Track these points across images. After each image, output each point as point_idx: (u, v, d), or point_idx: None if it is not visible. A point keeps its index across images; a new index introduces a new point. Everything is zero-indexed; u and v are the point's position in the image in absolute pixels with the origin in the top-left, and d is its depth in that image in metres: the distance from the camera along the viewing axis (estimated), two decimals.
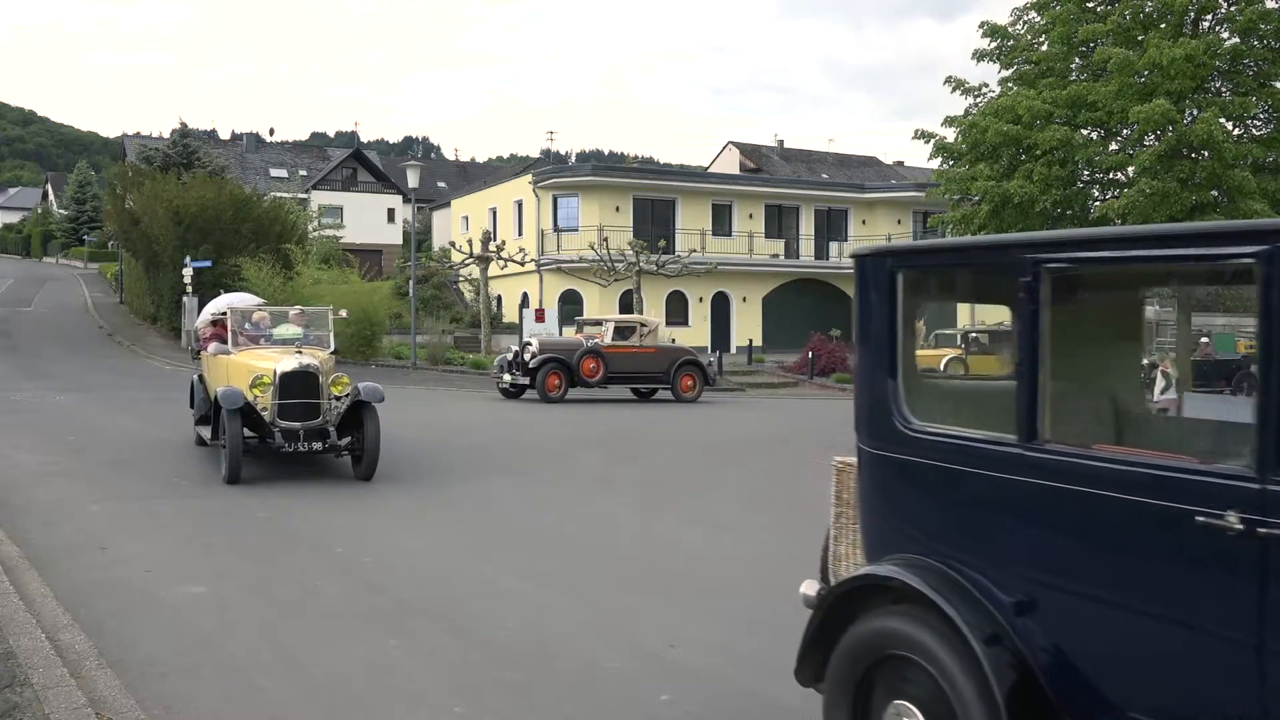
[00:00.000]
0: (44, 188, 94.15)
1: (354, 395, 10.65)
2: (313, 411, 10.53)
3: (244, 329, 11.91)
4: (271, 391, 10.38)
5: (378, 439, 10.56)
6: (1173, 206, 13.32)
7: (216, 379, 11.72)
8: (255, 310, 12.57)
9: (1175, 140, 13.19)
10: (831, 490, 4.45)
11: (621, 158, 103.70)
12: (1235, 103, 13.52)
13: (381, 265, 51.94)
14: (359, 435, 10.61)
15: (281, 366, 10.47)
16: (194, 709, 4.79)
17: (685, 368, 22.00)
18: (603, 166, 46.70)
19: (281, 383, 10.39)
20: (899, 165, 62.61)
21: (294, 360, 10.54)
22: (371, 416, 10.56)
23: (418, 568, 7.47)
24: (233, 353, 11.54)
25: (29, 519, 8.59)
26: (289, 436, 10.35)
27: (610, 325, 22.06)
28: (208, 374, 12.47)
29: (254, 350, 11.46)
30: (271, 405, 10.41)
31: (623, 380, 21.83)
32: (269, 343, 11.80)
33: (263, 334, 11.95)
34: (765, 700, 5.13)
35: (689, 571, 7.66)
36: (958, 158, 15.27)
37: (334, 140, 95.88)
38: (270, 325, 12.12)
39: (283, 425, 10.38)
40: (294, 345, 11.40)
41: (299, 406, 10.46)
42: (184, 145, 45.47)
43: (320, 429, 10.52)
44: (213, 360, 12.21)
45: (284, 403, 10.40)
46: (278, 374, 10.41)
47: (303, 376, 10.48)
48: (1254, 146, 13.63)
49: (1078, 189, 14.84)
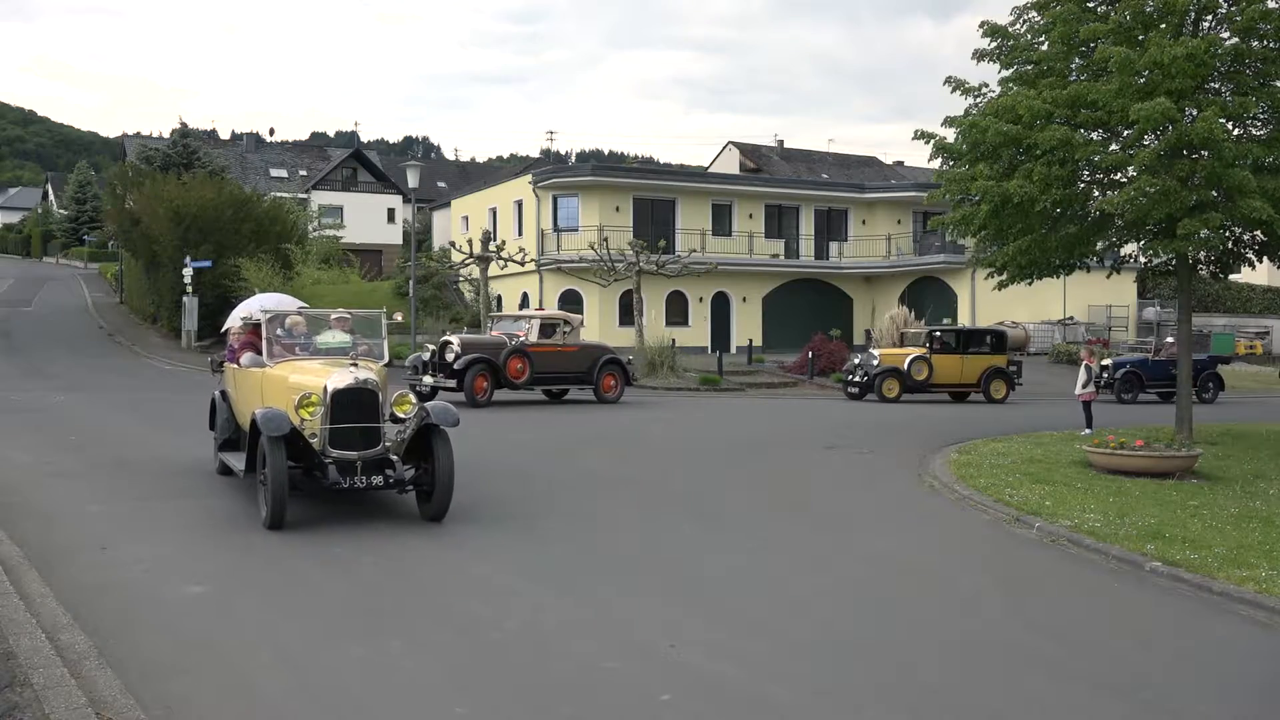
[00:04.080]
0: (44, 188, 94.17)
1: (422, 417, 8.90)
2: (372, 437, 8.75)
3: (280, 336, 9.93)
4: (322, 413, 8.59)
5: (451, 471, 8.75)
6: (1172, 205, 13.31)
7: (248, 397, 9.93)
8: (291, 314, 10.50)
9: (1175, 139, 13.18)
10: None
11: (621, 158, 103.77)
12: (1235, 102, 13.52)
13: (381, 265, 51.99)
14: (427, 466, 8.85)
15: (333, 382, 8.66)
16: (194, 709, 4.80)
17: (608, 367, 20.96)
18: (603, 166, 46.69)
19: (334, 402, 8.58)
20: (899, 165, 62.64)
21: (348, 374, 8.72)
22: (443, 443, 8.79)
23: (420, 569, 7.46)
24: (269, 365, 9.58)
25: (29, 519, 8.58)
26: (345, 469, 8.59)
27: (536, 322, 20.69)
28: (235, 390, 10.64)
29: (294, 362, 9.56)
30: (321, 430, 8.59)
31: (548, 381, 20.50)
32: (310, 352, 9.88)
33: (302, 342, 10.00)
34: (765, 700, 5.14)
35: (689, 571, 7.66)
36: (958, 158, 15.26)
37: (334, 140, 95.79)
38: (309, 332, 10.20)
39: (335, 455, 8.61)
40: (343, 355, 9.59)
41: (356, 432, 8.66)
42: (184, 145, 45.47)
43: (381, 459, 8.82)
44: (243, 374, 10.26)
45: (337, 427, 8.61)
46: (329, 391, 8.60)
47: (360, 394, 8.67)
48: (1254, 146, 13.62)
49: (1078, 189, 14.84)
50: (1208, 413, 20.27)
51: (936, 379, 24.41)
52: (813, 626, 6.42)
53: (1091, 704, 5.27)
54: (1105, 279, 22.12)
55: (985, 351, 25.16)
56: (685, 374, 27.08)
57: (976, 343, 25.41)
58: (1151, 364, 26.27)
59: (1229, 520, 9.81)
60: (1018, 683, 5.57)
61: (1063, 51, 14.67)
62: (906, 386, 24.07)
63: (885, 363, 24.43)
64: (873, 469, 13.17)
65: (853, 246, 41.67)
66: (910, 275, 40.49)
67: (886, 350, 25.86)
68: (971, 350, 25.04)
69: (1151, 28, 13.84)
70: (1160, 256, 16.38)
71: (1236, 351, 40.41)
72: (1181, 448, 13.19)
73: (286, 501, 8.30)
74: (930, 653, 5.98)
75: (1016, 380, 25.31)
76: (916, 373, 24.15)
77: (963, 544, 9.19)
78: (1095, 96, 13.52)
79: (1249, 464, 13.79)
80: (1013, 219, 14.61)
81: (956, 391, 24.82)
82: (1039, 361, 35.27)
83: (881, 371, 24.15)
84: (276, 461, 8.21)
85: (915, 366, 24.19)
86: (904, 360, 24.37)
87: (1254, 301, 45.83)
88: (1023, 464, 13.01)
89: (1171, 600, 7.47)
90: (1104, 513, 9.91)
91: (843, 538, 9.26)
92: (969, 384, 24.67)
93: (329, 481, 8.53)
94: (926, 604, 7.08)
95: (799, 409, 21.84)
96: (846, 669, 5.67)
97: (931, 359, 24.39)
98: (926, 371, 24.25)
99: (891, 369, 24.17)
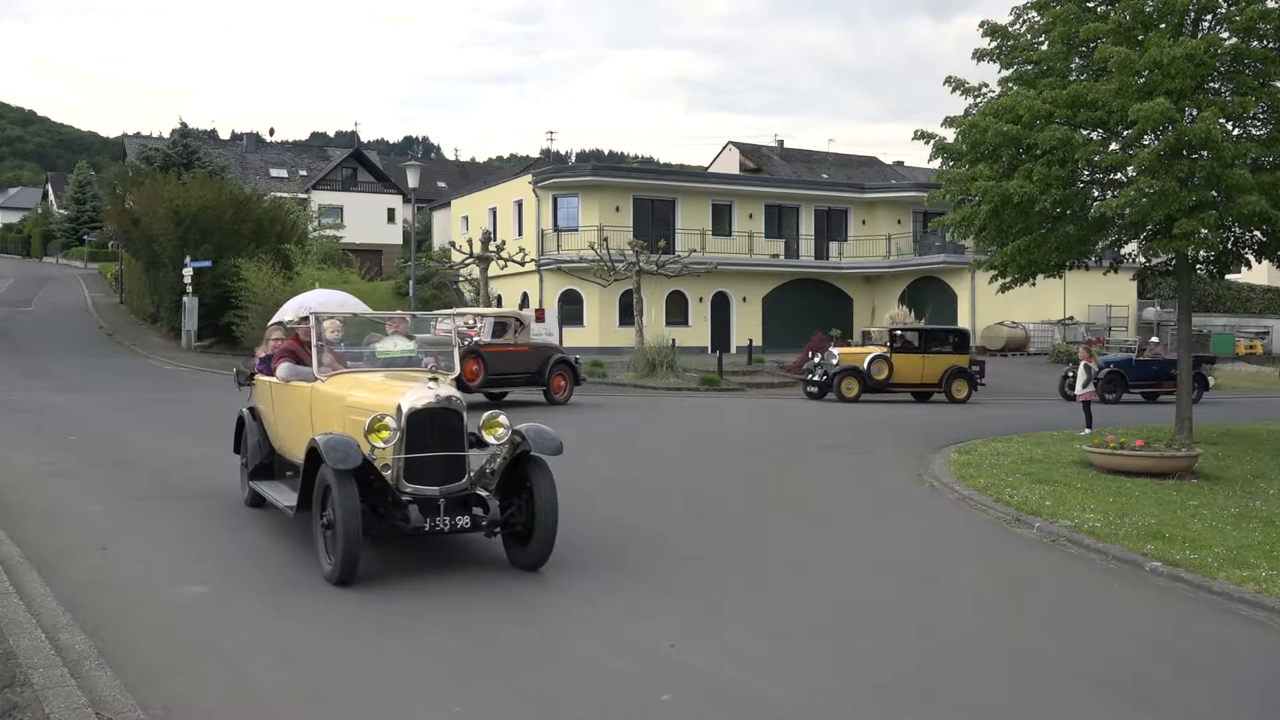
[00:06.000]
0: (44, 188, 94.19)
1: (515, 443, 7.37)
2: (456, 469, 7.19)
3: (331, 343, 8.21)
4: (397, 440, 7.01)
5: (555, 509, 7.16)
6: (1171, 205, 13.31)
7: (291, 417, 8.36)
8: (346, 317, 8.74)
9: (1175, 139, 13.18)
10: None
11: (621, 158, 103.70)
12: (1235, 102, 13.52)
13: (381, 265, 52.00)
14: (523, 503, 7.29)
15: (409, 401, 7.05)
16: (194, 709, 4.80)
17: (558, 367, 20.31)
18: (603, 166, 46.69)
19: (411, 426, 7.01)
20: (899, 165, 62.64)
21: (427, 391, 7.14)
22: (543, 475, 7.25)
23: (424, 573, 7.45)
24: (320, 378, 7.91)
25: (29, 519, 8.58)
26: (426, 509, 6.98)
27: (489, 321, 19.99)
28: (270, 407, 8.95)
29: (351, 376, 7.94)
30: (395, 461, 7.06)
31: (500, 383, 19.69)
32: (367, 363, 8.23)
33: (356, 351, 8.36)
34: (766, 700, 5.13)
35: (689, 570, 7.66)
36: (958, 158, 15.26)
37: (334, 140, 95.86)
38: (365, 338, 8.60)
39: (411, 490, 7.06)
40: (407, 367, 8.15)
41: (437, 462, 7.09)
42: (184, 145, 45.47)
43: (466, 494, 7.26)
44: (284, 390, 8.49)
45: (414, 457, 7.05)
46: (404, 412, 7.00)
47: (443, 416, 7.12)
48: (1253, 146, 13.62)
49: (1078, 189, 14.84)
50: (1207, 413, 20.26)
51: (897, 378, 24.05)
52: (812, 626, 6.42)
53: (1091, 704, 5.27)
54: (1105, 279, 22.15)
55: (947, 351, 24.75)
56: (685, 374, 27.09)
57: (939, 342, 25.03)
58: (1135, 364, 26.25)
59: (1229, 520, 9.81)
60: (1018, 682, 5.56)
61: (1062, 51, 14.68)
62: (866, 386, 23.74)
63: (845, 362, 24.13)
64: (872, 469, 13.17)
65: (853, 246, 41.69)
66: (910, 275, 40.50)
67: (846, 349, 25.51)
68: (934, 350, 24.64)
69: (1151, 28, 13.85)
70: (1160, 256, 16.39)
71: (1237, 351, 40.43)
72: (1182, 448, 13.19)
73: (360, 552, 6.71)
74: (930, 653, 5.98)
75: (979, 381, 24.95)
76: (876, 372, 23.82)
77: (963, 544, 9.18)
78: (1095, 96, 13.52)
79: (1249, 464, 13.79)
80: (1013, 219, 14.61)
81: (918, 391, 24.44)
82: (1039, 361, 35.30)
83: (840, 370, 23.87)
84: (347, 501, 6.63)
85: (875, 366, 23.86)
86: (864, 359, 24.06)
87: (1254, 301, 45.85)
88: (1023, 464, 13.01)
89: (1171, 600, 7.46)
90: (1104, 513, 9.91)
91: (842, 537, 9.27)
92: (930, 384, 24.25)
93: (410, 525, 6.92)
94: (926, 604, 7.08)
95: (799, 409, 21.83)
96: (846, 669, 5.67)
97: (892, 358, 24.04)
98: (887, 371, 23.91)
99: (851, 368, 23.89)
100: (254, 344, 28.71)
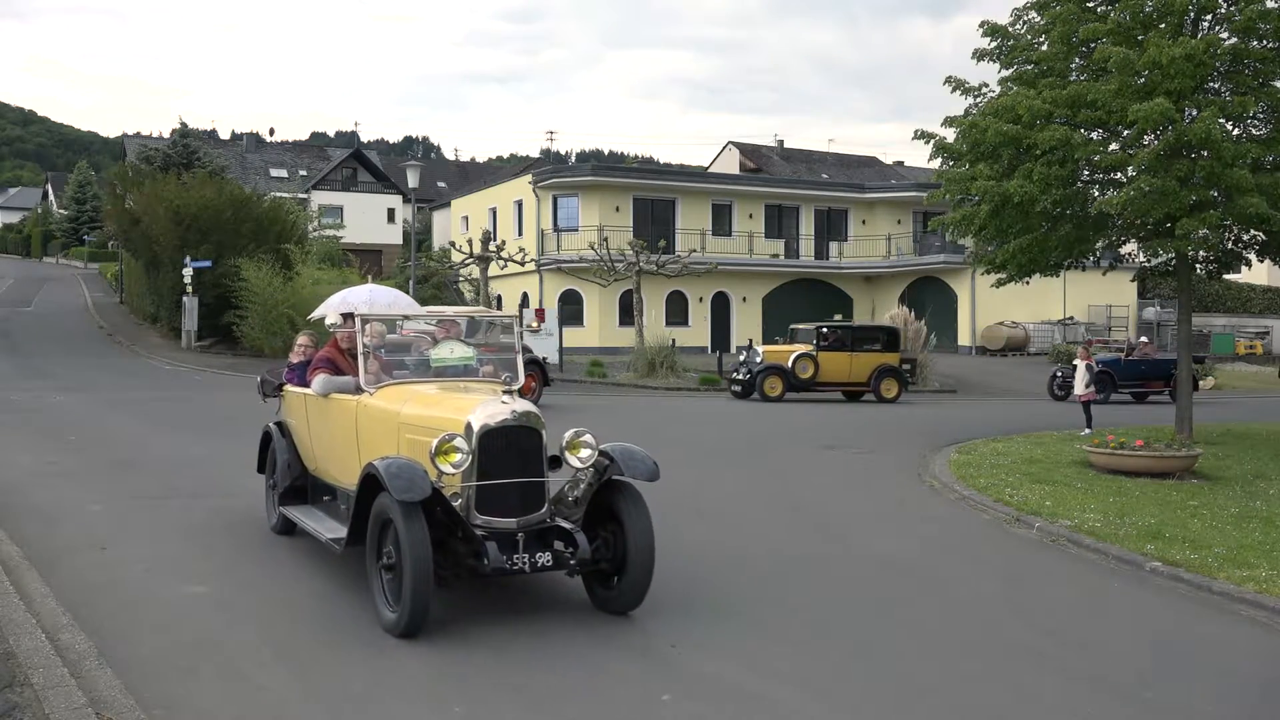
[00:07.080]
0: (44, 188, 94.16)
1: (603, 468, 6.38)
2: (535, 497, 6.19)
3: (378, 350, 7.07)
4: (468, 465, 5.97)
5: (652, 545, 6.16)
6: (1171, 205, 13.32)
7: (333, 435, 7.33)
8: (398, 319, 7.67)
9: (1174, 139, 13.18)
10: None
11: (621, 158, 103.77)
12: (1234, 102, 13.52)
13: (381, 265, 51.98)
14: (613, 536, 6.28)
15: (480, 417, 6.02)
16: (194, 709, 4.79)
17: (528, 368, 20.20)
18: (603, 166, 46.72)
19: (483, 446, 6.00)
20: (899, 165, 62.65)
21: (499, 406, 6.10)
22: (634, 505, 6.26)
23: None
24: (368, 391, 6.83)
25: (29, 519, 8.58)
26: (503, 545, 5.93)
27: (464, 321, 19.68)
28: (305, 423, 7.89)
29: (403, 387, 6.83)
30: (465, 489, 6.05)
31: None
32: (416, 373, 7.15)
33: (406, 358, 7.26)
34: (766, 700, 5.13)
35: (689, 570, 7.66)
36: (958, 158, 15.26)
37: (334, 140, 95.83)
38: (416, 343, 7.46)
39: (483, 523, 6.03)
40: (465, 376, 7.17)
41: (513, 489, 6.09)
42: (184, 145, 45.47)
43: (544, 526, 6.25)
44: (322, 404, 7.43)
45: (488, 484, 6.03)
46: (476, 431, 5.98)
47: (520, 435, 6.13)
48: (1253, 146, 13.62)
49: (1077, 189, 14.84)
50: (1207, 413, 20.24)
51: (824, 377, 23.71)
52: (811, 626, 6.41)
53: (1091, 704, 5.27)
54: (1105, 279, 22.15)
55: (876, 349, 24.38)
56: (685, 374, 27.09)
57: (868, 340, 24.66)
58: (1124, 364, 26.25)
59: (1229, 520, 9.81)
60: (1018, 682, 5.56)
61: (1062, 51, 14.69)
62: (791, 385, 23.43)
63: (769, 360, 23.75)
64: (872, 469, 13.17)
65: (853, 246, 41.70)
66: (910, 275, 40.51)
67: (771, 347, 25.07)
68: (863, 348, 24.22)
69: (1151, 28, 13.85)
70: (1160, 256, 16.38)
71: (1236, 351, 40.44)
72: (1182, 448, 13.19)
73: (431, 599, 5.70)
74: (930, 653, 5.98)
75: (909, 380, 24.74)
76: (801, 370, 23.48)
77: (963, 544, 9.18)
78: (1095, 96, 13.52)
79: (1249, 464, 13.78)
80: (1013, 219, 14.62)
81: (848, 390, 24.12)
82: (1039, 361, 35.31)
83: (764, 369, 23.49)
84: (416, 540, 5.59)
85: (800, 364, 23.49)
86: (788, 357, 23.70)
87: (1254, 301, 45.86)
88: (1023, 464, 13.01)
89: (1171, 600, 7.46)
90: (1104, 513, 9.91)
91: (842, 537, 9.27)
92: (859, 383, 23.92)
93: (490, 564, 5.82)
94: (926, 603, 7.08)
95: (798, 409, 21.83)
96: (846, 669, 5.67)
97: (818, 356, 23.65)
98: (812, 369, 23.56)
99: (775, 366, 23.53)
100: (254, 344, 28.81)
